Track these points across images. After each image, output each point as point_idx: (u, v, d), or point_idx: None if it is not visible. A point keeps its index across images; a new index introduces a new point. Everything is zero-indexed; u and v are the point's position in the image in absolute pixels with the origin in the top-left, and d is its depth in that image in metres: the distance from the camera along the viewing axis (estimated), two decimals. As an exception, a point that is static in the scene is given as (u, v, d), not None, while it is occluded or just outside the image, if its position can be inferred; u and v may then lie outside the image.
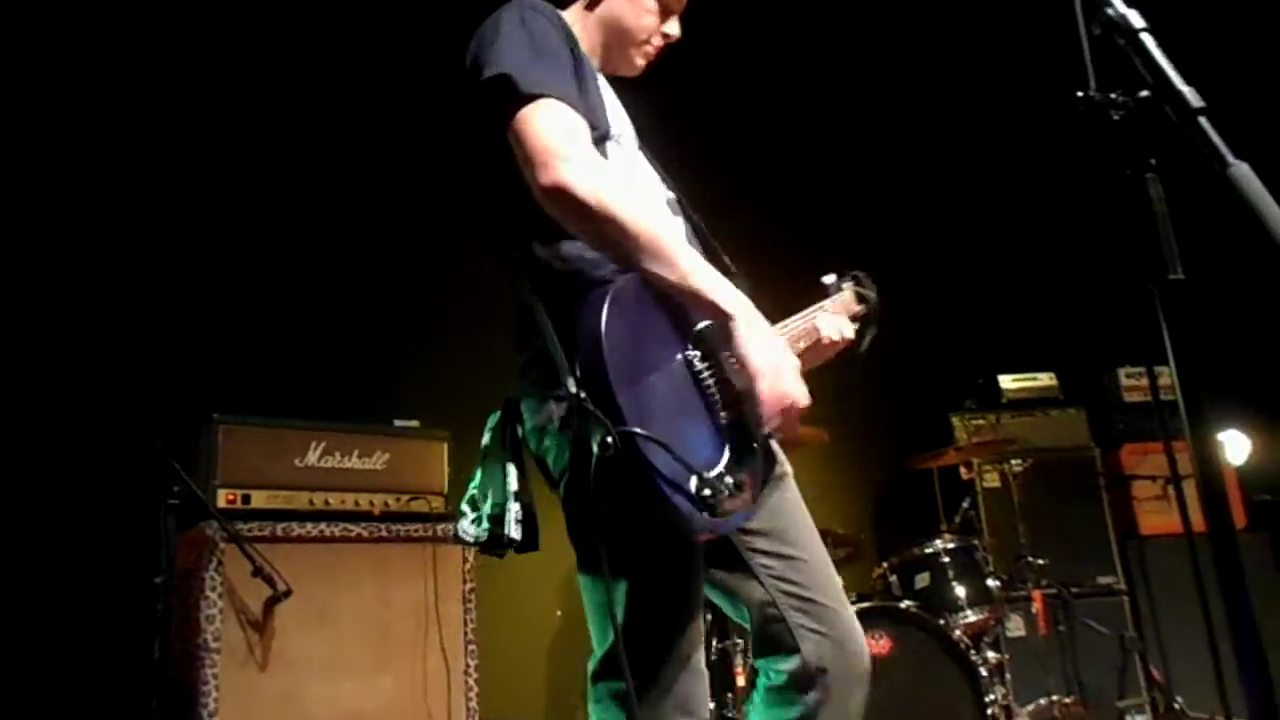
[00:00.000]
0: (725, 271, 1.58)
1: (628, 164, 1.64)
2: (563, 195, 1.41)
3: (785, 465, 1.75)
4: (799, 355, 1.69)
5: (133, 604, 2.89)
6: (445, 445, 3.51)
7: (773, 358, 1.46)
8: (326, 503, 3.17)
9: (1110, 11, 1.01)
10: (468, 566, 3.38)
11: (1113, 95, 1.00)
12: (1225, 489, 0.95)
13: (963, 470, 4.62)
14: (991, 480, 4.75)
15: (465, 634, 3.28)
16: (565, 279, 1.49)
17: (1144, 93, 0.97)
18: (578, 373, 1.32)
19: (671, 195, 1.75)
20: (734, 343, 1.46)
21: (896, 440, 4.71)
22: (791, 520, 1.69)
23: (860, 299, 2.03)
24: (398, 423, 3.47)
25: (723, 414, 1.47)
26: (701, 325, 1.48)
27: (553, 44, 1.54)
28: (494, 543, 1.50)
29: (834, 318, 1.87)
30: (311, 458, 3.19)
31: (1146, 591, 4.65)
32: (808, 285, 1.98)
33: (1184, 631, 4.19)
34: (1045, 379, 5.15)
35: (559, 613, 4.11)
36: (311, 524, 3.08)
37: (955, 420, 4.85)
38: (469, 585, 3.35)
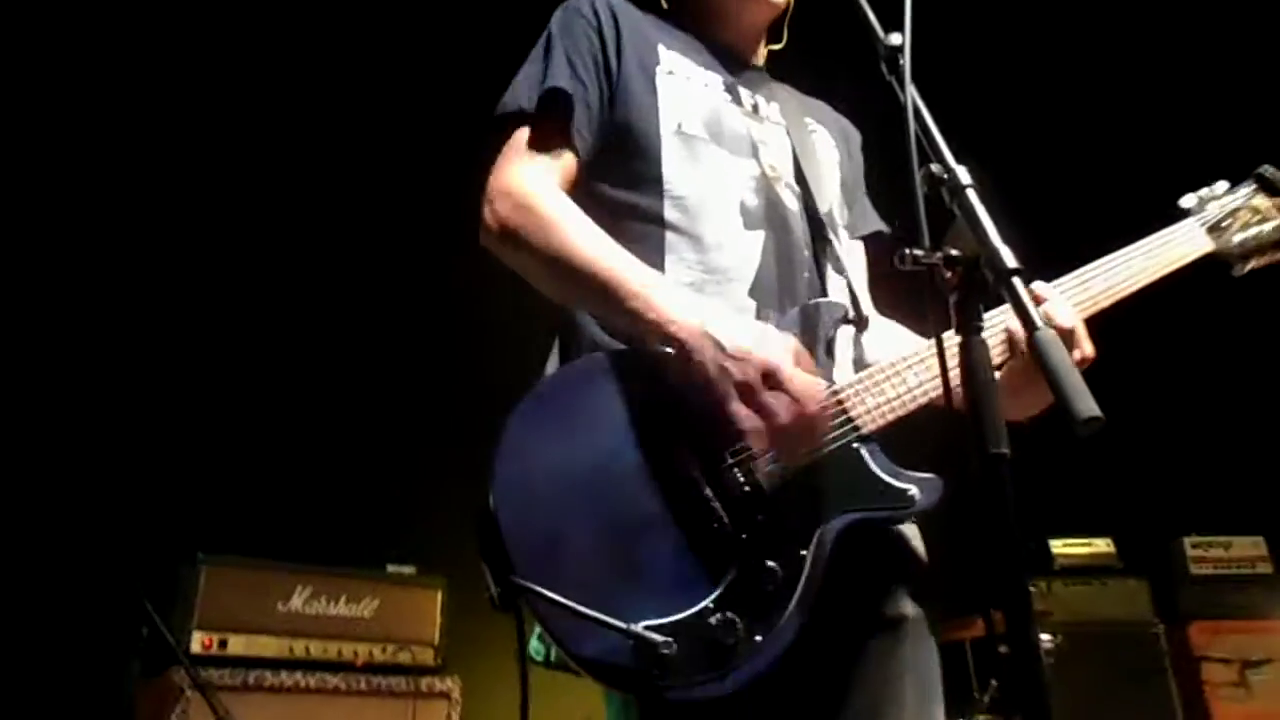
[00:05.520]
0: (854, 305, 1.34)
1: (684, 158, 1.34)
2: (486, 240, 1.29)
3: (910, 606, 1.28)
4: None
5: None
6: (440, 593, 3.41)
7: (741, 367, 1.08)
8: (307, 651, 3.09)
9: (935, 168, 0.96)
10: (452, 726, 3.22)
11: (939, 254, 0.93)
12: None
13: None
14: (1038, 655, 4.37)
15: (442, 801, 3.10)
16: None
17: (956, 251, 0.90)
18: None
19: (790, 199, 1.39)
20: (694, 380, 1.11)
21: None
22: (892, 695, 1.21)
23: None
24: (391, 568, 3.41)
25: (726, 523, 1.10)
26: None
27: (563, 52, 1.35)
28: (564, 663, 1.26)
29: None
30: (296, 602, 3.14)
31: (1225, 793, 4.15)
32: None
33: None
34: (1102, 545, 4.81)
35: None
36: (286, 673, 2.99)
37: (1001, 587, 4.52)
38: (452, 746, 3.18)
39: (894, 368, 1.25)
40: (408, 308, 4.12)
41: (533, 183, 1.27)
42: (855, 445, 1.19)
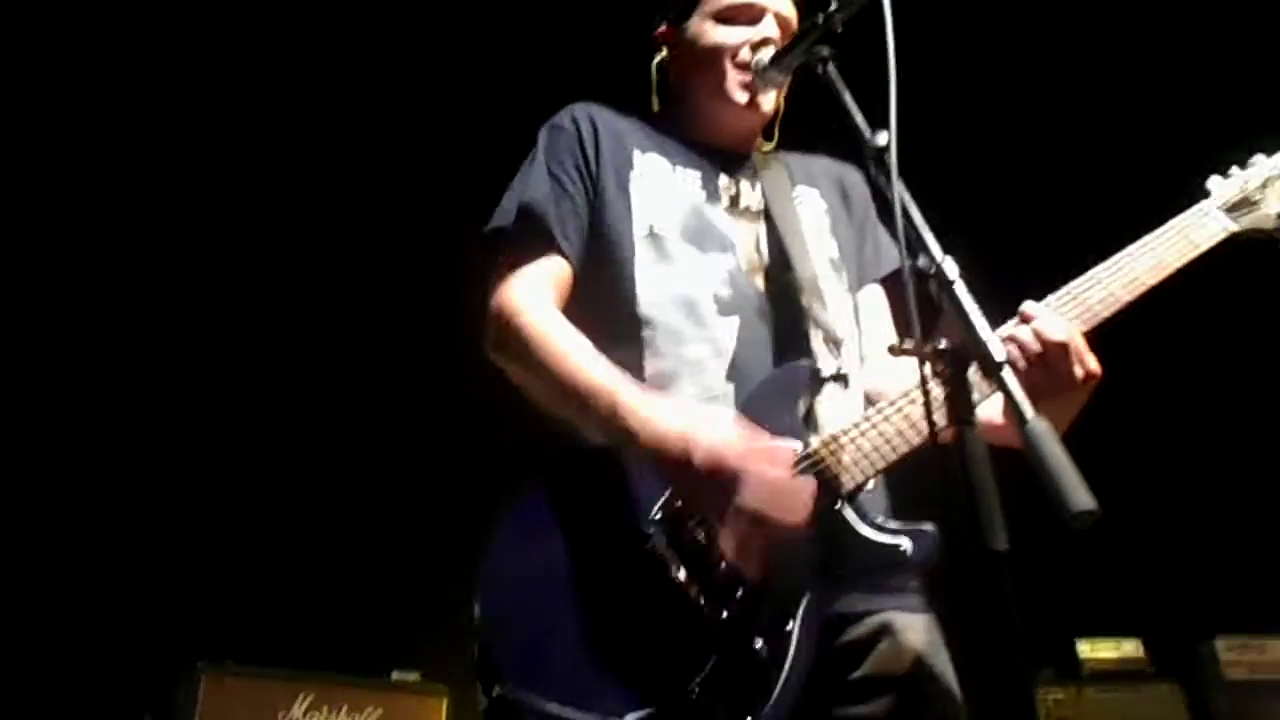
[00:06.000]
0: (836, 378, 1.29)
1: (656, 259, 1.38)
2: (491, 358, 1.35)
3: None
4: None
5: None
6: (444, 701, 3.31)
7: (713, 447, 1.11)
8: (307, 764, 2.99)
9: (922, 261, 0.96)
10: (455, 845, 3.08)
11: (929, 346, 0.93)
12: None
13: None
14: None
15: None
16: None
17: (945, 344, 0.90)
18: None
19: (767, 282, 1.40)
20: (688, 499, 1.13)
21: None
22: None
23: None
24: (396, 675, 3.32)
25: (703, 604, 1.09)
26: (660, 502, 1.17)
27: (544, 166, 1.43)
28: None
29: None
30: (296, 712, 3.05)
31: None
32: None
33: None
34: (1130, 647, 4.62)
35: None
36: (284, 790, 2.89)
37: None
38: None
39: (869, 421, 1.22)
40: (410, 414, 4.11)
41: (521, 300, 1.33)
42: (836, 506, 1.17)
